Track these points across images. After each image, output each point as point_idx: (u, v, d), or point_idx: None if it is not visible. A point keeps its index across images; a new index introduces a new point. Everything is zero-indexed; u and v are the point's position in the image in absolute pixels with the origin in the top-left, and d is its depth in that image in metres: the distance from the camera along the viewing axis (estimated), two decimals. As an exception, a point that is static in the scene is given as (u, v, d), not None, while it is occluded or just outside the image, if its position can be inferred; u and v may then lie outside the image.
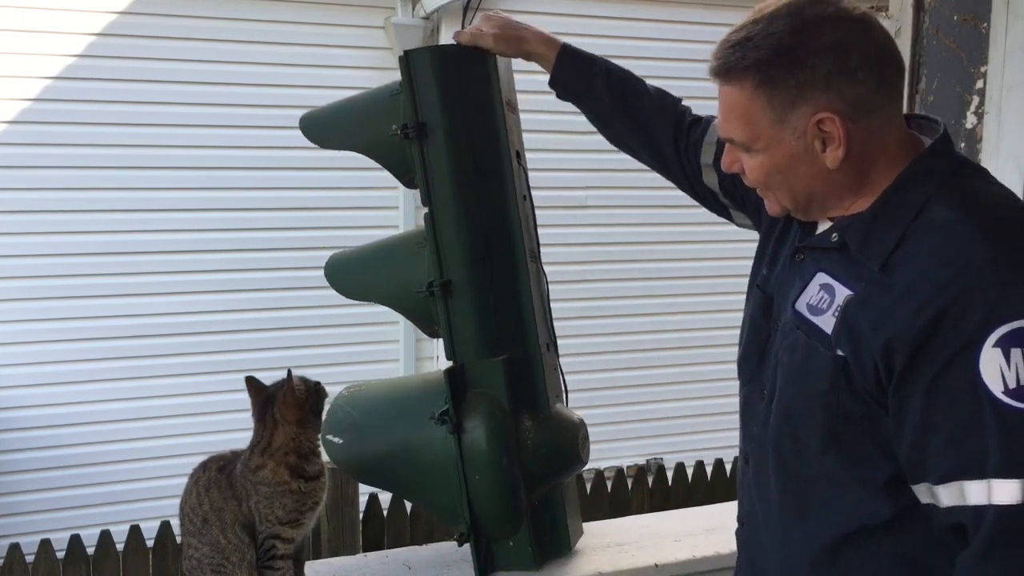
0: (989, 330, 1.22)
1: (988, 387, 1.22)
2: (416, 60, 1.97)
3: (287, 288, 5.50)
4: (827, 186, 1.39)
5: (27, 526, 4.86)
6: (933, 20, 2.50)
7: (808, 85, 1.33)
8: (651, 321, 5.96)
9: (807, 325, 1.41)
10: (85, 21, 5.03)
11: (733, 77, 1.37)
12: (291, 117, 5.89)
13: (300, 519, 1.74)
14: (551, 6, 5.52)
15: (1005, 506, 1.22)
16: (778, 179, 1.41)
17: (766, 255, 1.60)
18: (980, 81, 2.37)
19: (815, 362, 1.38)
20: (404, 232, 2.12)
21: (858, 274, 1.36)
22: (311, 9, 5.39)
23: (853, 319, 1.33)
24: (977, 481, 1.24)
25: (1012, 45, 2.26)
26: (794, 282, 1.47)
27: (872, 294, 1.33)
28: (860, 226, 1.38)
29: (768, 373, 1.50)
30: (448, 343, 1.99)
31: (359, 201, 5.63)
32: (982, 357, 1.22)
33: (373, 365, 5.71)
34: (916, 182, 1.36)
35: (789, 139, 1.36)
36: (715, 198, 1.86)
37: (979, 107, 2.37)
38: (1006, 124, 2.29)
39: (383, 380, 2.26)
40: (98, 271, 5.16)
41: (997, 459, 1.22)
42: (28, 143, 4.99)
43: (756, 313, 1.56)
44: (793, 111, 1.34)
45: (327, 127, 2.08)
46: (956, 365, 1.24)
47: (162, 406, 5.30)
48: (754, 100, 1.36)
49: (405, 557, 2.09)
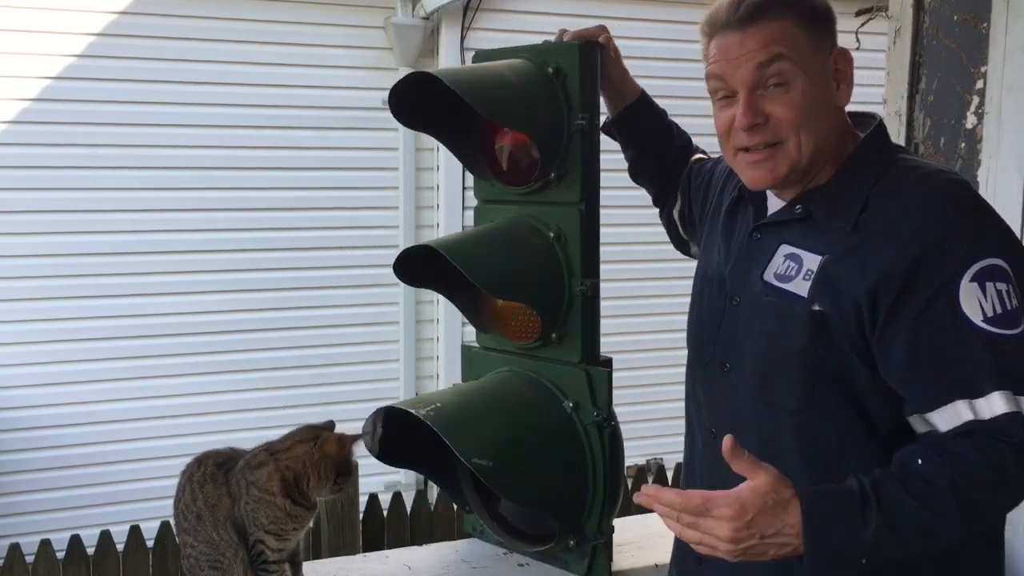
0: (965, 267, 1.36)
1: (969, 317, 1.35)
2: (588, 54, 1.90)
3: (288, 288, 5.51)
4: (831, 137, 1.51)
5: (27, 526, 4.87)
6: (933, 20, 2.50)
7: (831, 25, 1.52)
8: (651, 321, 5.96)
9: (777, 292, 1.51)
10: (85, 21, 5.04)
11: (774, 11, 1.47)
12: (291, 117, 5.95)
13: (283, 534, 1.71)
14: (551, 6, 5.53)
15: (1014, 413, 1.33)
16: (811, 115, 1.48)
17: (715, 243, 1.71)
18: (980, 81, 2.37)
19: (791, 323, 1.48)
20: (500, 223, 2.00)
21: (826, 240, 1.48)
22: (311, 9, 5.39)
23: (832, 275, 1.44)
24: (979, 399, 1.35)
25: (1012, 45, 2.25)
26: (753, 259, 1.58)
27: (849, 251, 1.44)
28: (825, 195, 1.51)
29: (728, 347, 1.60)
30: (588, 343, 1.93)
31: (360, 201, 5.64)
32: (961, 291, 1.36)
33: (374, 365, 5.72)
34: (871, 156, 1.52)
35: (819, 70, 1.49)
36: (676, 231, 2.02)
37: (979, 107, 2.37)
38: (1006, 124, 2.29)
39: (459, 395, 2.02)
40: (97, 271, 5.17)
41: (992, 377, 1.34)
42: (29, 143, 5.00)
43: (710, 295, 1.67)
44: (823, 43, 1.50)
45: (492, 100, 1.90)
46: (937, 301, 1.37)
47: (162, 406, 5.31)
48: (797, 27, 1.47)
49: (405, 557, 2.09)
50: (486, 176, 2.03)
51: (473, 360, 2.11)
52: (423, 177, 5.71)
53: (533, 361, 2.00)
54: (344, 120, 5.51)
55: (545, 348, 1.97)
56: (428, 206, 5.75)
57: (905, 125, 2.57)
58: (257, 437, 6.05)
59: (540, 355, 1.99)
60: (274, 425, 5.40)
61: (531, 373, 1.99)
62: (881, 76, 2.70)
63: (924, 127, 2.53)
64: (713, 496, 1.38)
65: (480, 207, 2.09)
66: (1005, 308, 1.37)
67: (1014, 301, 1.37)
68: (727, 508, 1.36)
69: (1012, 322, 1.37)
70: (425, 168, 5.71)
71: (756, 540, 1.37)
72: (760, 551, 1.38)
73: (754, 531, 1.36)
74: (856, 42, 3.66)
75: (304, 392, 5.54)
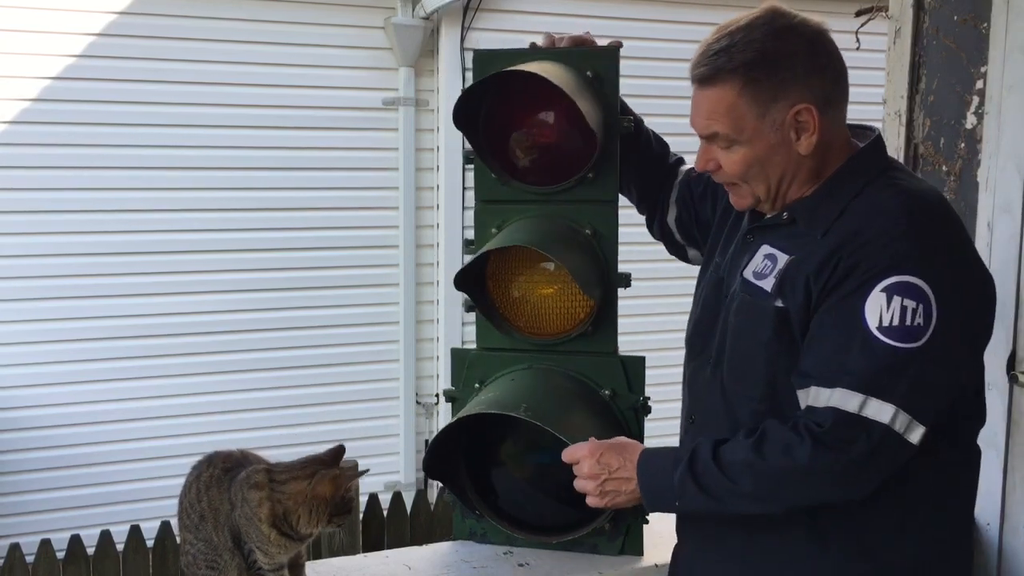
0: (881, 277, 1.47)
1: (867, 320, 1.47)
2: (618, 59, 1.96)
3: (287, 288, 5.51)
4: (797, 171, 1.61)
5: (27, 526, 4.87)
6: (933, 20, 2.50)
7: (787, 82, 1.56)
8: (651, 321, 5.96)
9: (751, 288, 1.64)
10: (85, 21, 5.03)
11: (720, 79, 1.57)
12: (291, 117, 5.94)
13: (269, 554, 1.69)
14: (551, 6, 5.53)
15: (842, 410, 1.48)
16: (756, 169, 1.61)
17: (719, 245, 1.82)
18: (980, 81, 2.37)
19: (759, 316, 1.60)
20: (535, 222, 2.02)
21: (800, 244, 1.59)
22: (311, 9, 5.39)
23: (793, 273, 1.57)
24: (825, 389, 1.49)
25: (1012, 45, 2.25)
26: (741, 258, 1.70)
27: (810, 253, 1.57)
28: (808, 204, 1.62)
29: (716, 343, 1.71)
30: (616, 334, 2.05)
31: (360, 201, 5.64)
32: (870, 297, 1.48)
33: (374, 365, 5.72)
34: (857, 171, 1.61)
35: (769, 131, 1.58)
36: (672, 237, 2.08)
37: (979, 107, 2.37)
38: (1006, 124, 2.28)
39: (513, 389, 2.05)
40: (97, 271, 5.17)
41: (851, 375, 1.48)
42: (29, 143, 5.00)
43: (708, 294, 1.77)
44: (774, 105, 1.56)
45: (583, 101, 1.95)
46: (851, 298, 1.49)
47: (162, 406, 5.31)
48: (741, 97, 1.56)
49: (405, 557, 2.09)
50: (502, 176, 2.03)
51: (474, 363, 2.09)
52: (423, 177, 5.71)
53: (558, 356, 2.04)
54: (344, 120, 5.51)
55: (574, 342, 2.03)
56: (428, 206, 5.75)
57: (905, 125, 2.57)
58: (257, 437, 6.07)
59: (567, 349, 2.04)
60: (274, 425, 5.44)
61: (556, 368, 2.02)
62: (881, 76, 2.70)
63: (924, 127, 2.53)
64: (577, 445, 1.72)
65: (482, 208, 2.07)
66: (904, 323, 1.46)
67: (918, 320, 1.46)
68: (584, 448, 1.70)
69: (906, 337, 1.46)
70: (425, 168, 5.71)
71: (607, 475, 1.67)
72: (614, 489, 1.67)
73: (604, 466, 1.67)
74: (856, 42, 3.66)
75: (304, 392, 5.54)
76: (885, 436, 1.47)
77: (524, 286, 2.07)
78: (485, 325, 2.08)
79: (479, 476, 2.11)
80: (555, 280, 2.05)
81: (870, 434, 1.47)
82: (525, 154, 2.05)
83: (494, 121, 2.03)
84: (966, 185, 2.40)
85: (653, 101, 5.24)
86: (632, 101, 2.05)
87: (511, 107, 2.04)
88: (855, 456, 1.48)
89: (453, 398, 2.09)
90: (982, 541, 2.36)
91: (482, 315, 2.06)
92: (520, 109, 2.05)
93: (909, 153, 2.56)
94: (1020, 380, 2.26)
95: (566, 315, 2.05)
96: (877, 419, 1.47)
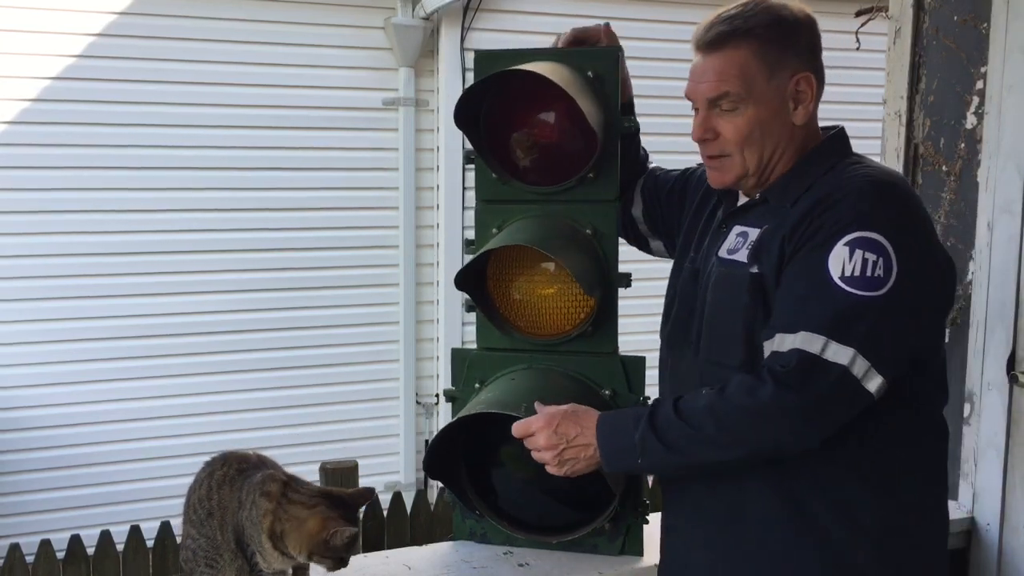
0: (845, 232, 1.55)
1: (830, 270, 1.54)
2: (621, 59, 1.97)
3: (288, 288, 5.51)
4: (788, 143, 1.68)
5: (27, 526, 4.87)
6: (933, 20, 2.50)
7: (794, 50, 1.65)
8: (651, 321, 5.96)
9: (726, 262, 1.70)
10: (85, 21, 5.04)
11: (734, 40, 1.64)
12: (291, 118, 5.94)
13: (267, 559, 1.67)
14: (551, 6, 5.53)
15: (804, 351, 1.53)
16: (757, 134, 1.66)
17: (693, 240, 1.87)
18: (980, 81, 2.37)
19: (736, 284, 1.66)
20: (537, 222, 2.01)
21: (771, 217, 1.66)
22: (311, 9, 5.39)
23: (766, 240, 1.64)
24: (789, 334, 1.55)
25: (1012, 45, 2.25)
26: (715, 245, 1.76)
27: (781, 221, 1.64)
28: (779, 183, 1.70)
29: (695, 326, 1.76)
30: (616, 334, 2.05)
31: (360, 201, 5.64)
32: (834, 249, 1.55)
33: (374, 365, 5.72)
34: (826, 155, 1.70)
35: (773, 96, 1.65)
36: (635, 226, 2.11)
37: (979, 107, 2.37)
38: (1006, 124, 2.29)
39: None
40: (97, 271, 5.17)
41: (812, 319, 1.53)
42: (29, 143, 5.00)
43: (686, 285, 1.82)
44: (780, 70, 1.64)
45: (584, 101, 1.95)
46: (816, 251, 1.57)
47: (162, 406, 5.31)
48: (754, 58, 1.63)
49: (405, 557, 2.08)
50: (503, 175, 2.03)
51: (475, 363, 2.08)
52: (423, 177, 5.71)
53: (558, 356, 2.03)
54: (344, 120, 5.51)
55: (574, 342, 2.02)
56: (428, 206, 5.75)
57: (905, 125, 2.57)
58: (257, 437, 6.06)
59: (567, 349, 2.03)
60: (274, 425, 5.44)
61: (555, 368, 2.02)
62: (881, 76, 2.70)
63: (924, 127, 2.53)
64: (531, 417, 1.72)
65: (483, 208, 2.06)
66: (864, 274, 1.53)
67: (879, 271, 1.53)
68: (539, 420, 1.71)
69: (867, 286, 1.53)
70: (425, 168, 5.71)
71: (565, 444, 1.69)
72: (573, 457, 1.69)
73: (561, 436, 1.69)
74: (856, 42, 3.66)
75: (304, 392, 5.54)
76: (843, 377, 1.52)
77: (524, 286, 2.06)
78: (485, 325, 2.07)
79: (479, 476, 2.10)
80: (555, 280, 2.04)
81: (828, 374, 1.52)
82: (526, 154, 2.05)
83: (495, 121, 2.02)
84: (966, 185, 2.40)
85: (653, 101, 5.23)
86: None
87: (512, 107, 2.04)
88: (813, 397, 1.53)
89: (453, 398, 2.08)
90: (982, 541, 2.36)
91: (482, 315, 2.06)
92: (521, 109, 2.05)
93: (909, 153, 2.56)
94: (1020, 380, 2.27)
95: (566, 315, 2.05)
96: (836, 360, 1.52)
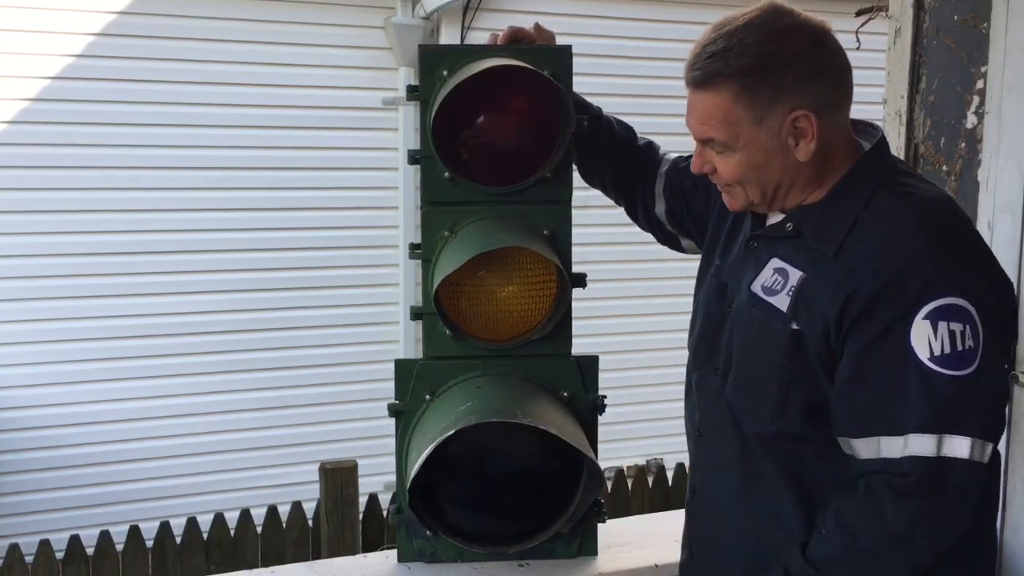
0: (921, 304, 1.42)
1: (916, 353, 1.41)
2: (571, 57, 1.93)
3: (287, 288, 5.51)
4: (795, 177, 1.56)
5: (27, 526, 4.87)
6: (933, 20, 2.50)
7: (784, 87, 1.50)
8: (651, 321, 5.96)
9: (763, 305, 1.58)
10: (85, 21, 5.04)
11: (715, 84, 1.52)
12: (291, 117, 5.92)
13: None
14: (551, 6, 5.52)
15: (922, 457, 1.41)
16: (752, 175, 1.56)
17: (718, 246, 1.77)
18: (980, 81, 2.36)
19: (773, 338, 1.55)
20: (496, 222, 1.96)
21: (811, 259, 1.54)
22: (311, 9, 5.39)
23: (808, 294, 1.52)
24: (896, 437, 1.43)
25: (1012, 45, 2.25)
26: (748, 267, 1.64)
27: (827, 272, 1.51)
28: (814, 216, 1.56)
29: (722, 352, 1.66)
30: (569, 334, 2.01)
31: (360, 201, 5.64)
32: (914, 327, 1.42)
33: (373, 365, 5.72)
34: (863, 177, 1.55)
35: (765, 137, 1.52)
36: (663, 227, 2.02)
37: (979, 107, 2.37)
38: (1006, 124, 2.28)
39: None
40: (97, 271, 5.17)
41: (918, 416, 1.41)
42: (28, 143, 5.00)
43: (711, 300, 1.73)
44: (771, 111, 1.51)
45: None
46: (892, 332, 1.43)
47: (162, 406, 5.30)
48: (737, 103, 1.51)
49: (405, 557, 2.08)
50: (455, 176, 1.93)
51: (422, 373, 1.97)
52: (423, 177, 5.70)
53: (512, 360, 1.98)
54: (344, 120, 5.51)
55: (530, 346, 1.98)
56: (428, 206, 5.74)
57: (905, 125, 2.57)
58: (257, 437, 6.08)
59: (522, 352, 1.98)
60: (274, 425, 5.44)
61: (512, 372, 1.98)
62: (881, 76, 2.70)
63: (924, 127, 2.53)
64: None
65: (430, 211, 1.95)
66: (955, 348, 1.41)
67: (968, 342, 1.41)
68: None
69: (960, 363, 1.41)
70: (425, 168, 5.70)
71: None
72: None
73: None
74: (856, 42, 3.66)
75: (303, 392, 5.54)
76: (969, 469, 1.42)
77: (476, 290, 1.99)
78: (433, 333, 1.97)
79: (426, 491, 1.97)
80: (511, 282, 1.99)
81: (953, 472, 1.42)
82: (474, 153, 1.99)
83: (445, 120, 1.93)
84: (966, 185, 2.40)
85: (653, 101, 5.23)
86: (632, 101, 2.07)
87: (463, 106, 1.96)
88: (946, 500, 1.43)
89: (399, 412, 1.97)
90: (982, 541, 2.35)
91: (429, 323, 1.96)
92: (472, 108, 1.99)
93: (909, 153, 2.56)
94: (1020, 380, 2.26)
95: (523, 318, 1.99)
96: (958, 456, 1.41)
